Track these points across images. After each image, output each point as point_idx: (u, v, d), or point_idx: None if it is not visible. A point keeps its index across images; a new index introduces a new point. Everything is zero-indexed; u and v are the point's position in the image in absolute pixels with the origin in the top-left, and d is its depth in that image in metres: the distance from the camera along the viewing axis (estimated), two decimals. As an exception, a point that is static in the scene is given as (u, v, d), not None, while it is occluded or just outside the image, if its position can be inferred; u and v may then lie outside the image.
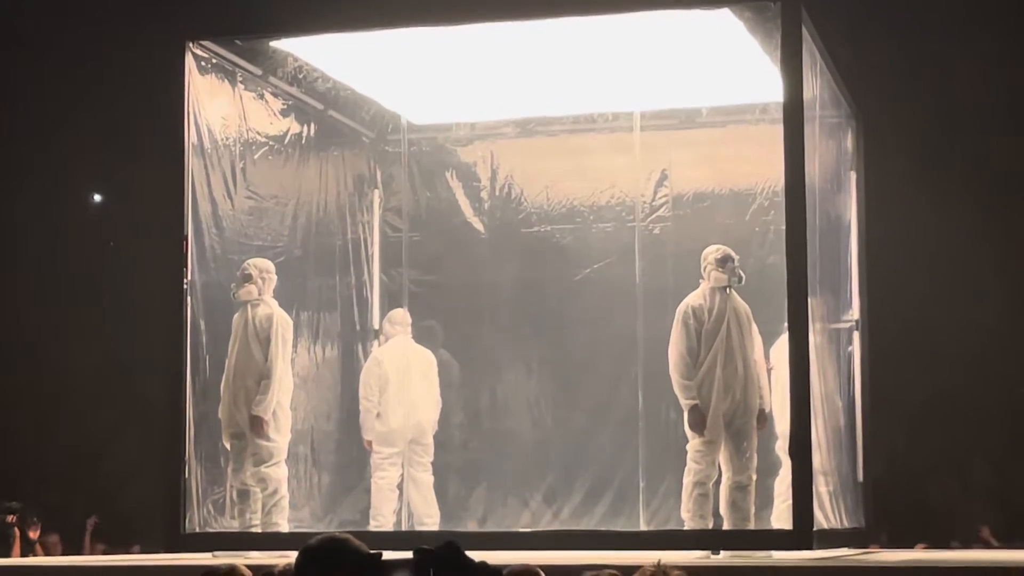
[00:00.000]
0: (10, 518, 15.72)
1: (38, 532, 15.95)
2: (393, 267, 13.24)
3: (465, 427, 13.03)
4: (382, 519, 12.23)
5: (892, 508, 15.53)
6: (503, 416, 13.06)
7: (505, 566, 7.21)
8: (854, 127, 12.91)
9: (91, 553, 15.26)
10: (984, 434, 18.35)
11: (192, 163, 10.99)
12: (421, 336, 12.74)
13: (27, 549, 15.56)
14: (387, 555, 4.48)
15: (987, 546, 14.52)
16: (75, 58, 18.92)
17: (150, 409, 14.50)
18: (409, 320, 12.69)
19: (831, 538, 10.82)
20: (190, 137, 10.96)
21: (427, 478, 12.46)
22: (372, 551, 3.51)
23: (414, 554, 2.71)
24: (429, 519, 12.31)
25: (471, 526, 12.24)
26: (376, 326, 13.15)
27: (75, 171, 19.82)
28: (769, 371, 11.19)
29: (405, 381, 12.47)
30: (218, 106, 11.41)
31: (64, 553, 16.06)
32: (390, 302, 13.12)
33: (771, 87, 10.65)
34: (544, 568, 7.46)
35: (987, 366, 18.79)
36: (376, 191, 13.48)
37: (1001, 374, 18.59)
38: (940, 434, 18.64)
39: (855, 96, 12.66)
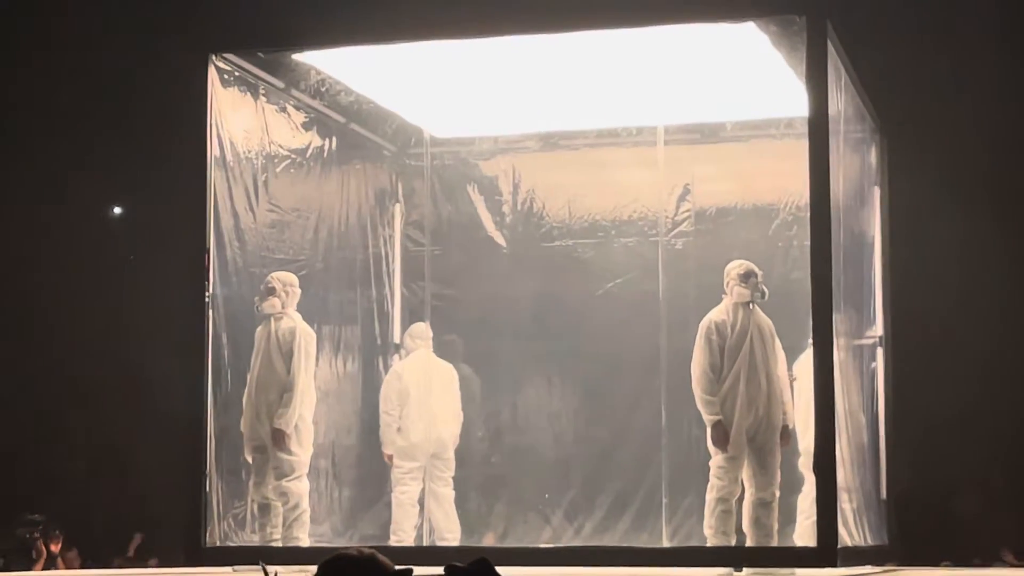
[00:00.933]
0: (34, 533, 15.73)
1: (60, 546, 15.95)
2: (414, 281, 13.21)
3: (486, 442, 12.99)
4: (403, 534, 12.19)
5: (915, 526, 15.44)
6: (524, 431, 13.01)
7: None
8: (878, 142, 12.85)
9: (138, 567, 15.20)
10: (1008, 452, 18.25)
11: (214, 176, 10.97)
12: (442, 350, 12.71)
13: (49, 563, 15.56)
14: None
15: (1010, 566, 14.42)
16: (98, 68, 18.94)
17: (172, 423, 14.47)
18: (430, 334, 12.66)
19: (855, 556, 10.75)
20: (212, 150, 10.94)
21: (448, 493, 12.42)
22: (400, 567, 3.46)
23: (445, 571, 2.67)
24: (450, 534, 12.27)
25: (491, 541, 12.19)
26: (397, 340, 13.12)
27: (98, 183, 19.82)
28: (792, 381, 11.13)
29: (426, 395, 12.44)
30: (240, 119, 11.39)
31: (83, 567, 16.04)
32: (411, 316, 13.08)
33: (796, 101, 10.61)
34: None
35: (1011, 383, 18.69)
36: (398, 205, 13.46)
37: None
38: (964, 451, 18.54)
39: (879, 111, 12.61)
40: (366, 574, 4.26)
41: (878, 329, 12.42)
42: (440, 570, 3.44)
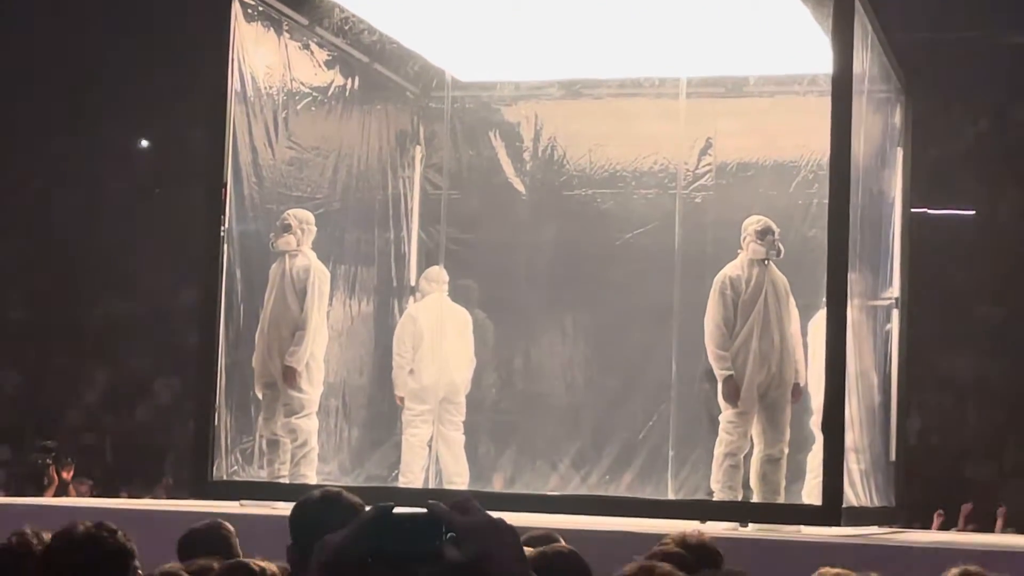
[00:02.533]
0: (46, 460, 15.82)
1: (71, 473, 16.04)
2: (432, 224, 13.18)
3: (498, 388, 12.99)
4: (411, 476, 12.21)
5: (925, 488, 15.45)
6: (536, 378, 13.01)
7: (528, 529, 7.20)
8: (903, 103, 12.76)
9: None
10: (1020, 417, 18.22)
11: (234, 111, 10.95)
12: (457, 295, 12.69)
13: (61, 490, 15.66)
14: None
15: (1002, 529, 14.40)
16: (122, 3, 18.94)
17: (185, 355, 14.55)
18: (446, 278, 12.63)
19: (860, 516, 10.76)
20: (233, 84, 10.91)
21: (458, 437, 12.43)
22: (384, 503, 3.46)
23: (427, 507, 2.64)
24: (458, 478, 12.29)
25: (499, 487, 12.21)
26: (413, 283, 13.11)
27: (120, 114, 19.87)
28: (805, 341, 11.12)
29: (439, 339, 12.43)
30: (263, 54, 11.36)
31: (94, 495, 16.13)
32: (428, 259, 13.07)
33: (821, 58, 10.54)
34: (569, 532, 7.43)
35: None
36: (419, 147, 13.42)
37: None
38: (976, 416, 18.53)
39: (905, 71, 12.52)
40: (334, 511, 4.32)
41: (894, 291, 12.36)
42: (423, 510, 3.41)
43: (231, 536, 6.01)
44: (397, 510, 2.76)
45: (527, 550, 5.17)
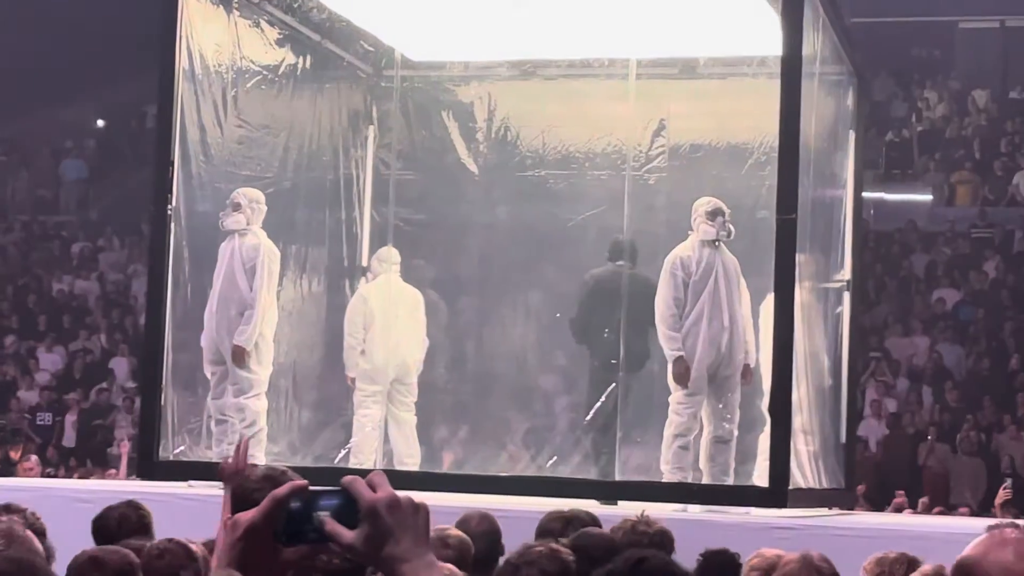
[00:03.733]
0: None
1: (19, 453, 15.95)
2: (385, 204, 13.13)
3: (450, 368, 12.96)
4: (362, 456, 12.17)
5: (875, 471, 15.51)
6: (488, 359, 13.00)
7: (469, 509, 7.19)
8: (856, 85, 12.77)
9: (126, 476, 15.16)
10: (972, 399, 18.31)
11: (182, 88, 10.87)
12: (409, 275, 12.64)
13: (7, 470, 15.57)
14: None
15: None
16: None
17: (133, 334, 14.48)
18: (398, 259, 12.58)
19: (809, 498, 10.79)
20: (181, 62, 10.84)
21: (409, 418, 12.39)
22: (298, 482, 3.46)
23: (341, 483, 2.63)
24: (410, 459, 12.25)
25: (450, 467, 12.20)
26: (365, 263, 13.05)
27: (66, 90, 19.72)
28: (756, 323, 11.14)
29: (391, 319, 12.39)
30: (212, 32, 11.28)
31: (42, 476, 16.04)
32: (380, 239, 13.02)
33: (771, 40, 10.53)
34: (517, 513, 7.42)
35: (978, 330, 18.74)
36: (371, 127, 13.36)
37: (991, 338, 18.54)
38: (929, 399, 18.59)
39: (857, 54, 12.53)
40: (275, 487, 4.26)
41: (846, 273, 12.39)
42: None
43: (148, 517, 5.99)
44: (311, 488, 2.74)
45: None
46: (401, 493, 2.70)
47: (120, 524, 5.87)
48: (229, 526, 2.65)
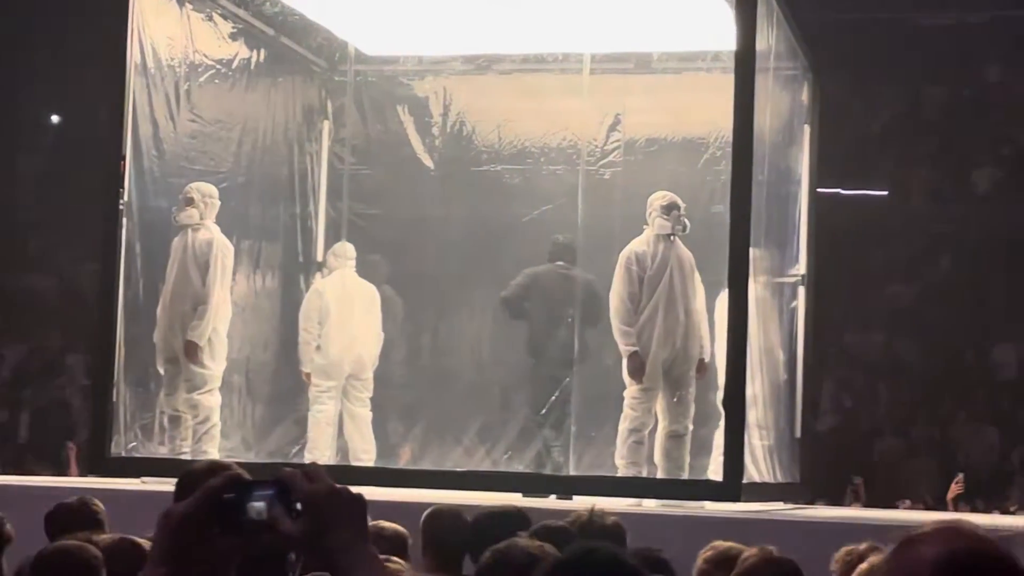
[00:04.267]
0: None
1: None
2: (340, 199, 13.10)
3: (406, 364, 12.93)
4: (318, 453, 12.13)
5: (830, 465, 15.55)
6: (444, 354, 12.97)
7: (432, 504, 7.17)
8: (810, 80, 12.80)
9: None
10: (926, 393, 18.38)
11: (134, 83, 10.81)
12: (365, 271, 12.61)
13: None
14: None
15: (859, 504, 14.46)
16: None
17: (85, 331, 14.40)
18: (353, 254, 12.55)
19: (764, 492, 10.80)
20: (133, 56, 10.77)
21: (365, 413, 12.36)
22: (232, 472, 3.43)
23: (276, 476, 2.61)
24: (365, 455, 12.23)
25: (406, 464, 12.17)
26: (320, 258, 13.02)
27: (16, 85, 19.52)
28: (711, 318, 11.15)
29: (347, 315, 12.35)
30: (164, 25, 11.22)
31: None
32: (335, 235, 12.98)
33: (726, 35, 10.53)
34: (472, 509, 7.40)
35: (935, 326, 18.81)
36: (326, 122, 13.31)
37: (948, 335, 18.62)
38: (884, 393, 18.66)
39: (812, 49, 12.55)
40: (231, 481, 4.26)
41: (801, 268, 12.41)
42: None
43: (101, 512, 5.97)
44: (246, 479, 2.71)
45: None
46: (339, 485, 2.69)
47: (73, 519, 5.84)
48: (161, 518, 2.62)
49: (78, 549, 5.03)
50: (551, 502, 10.00)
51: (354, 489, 2.73)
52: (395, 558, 4.74)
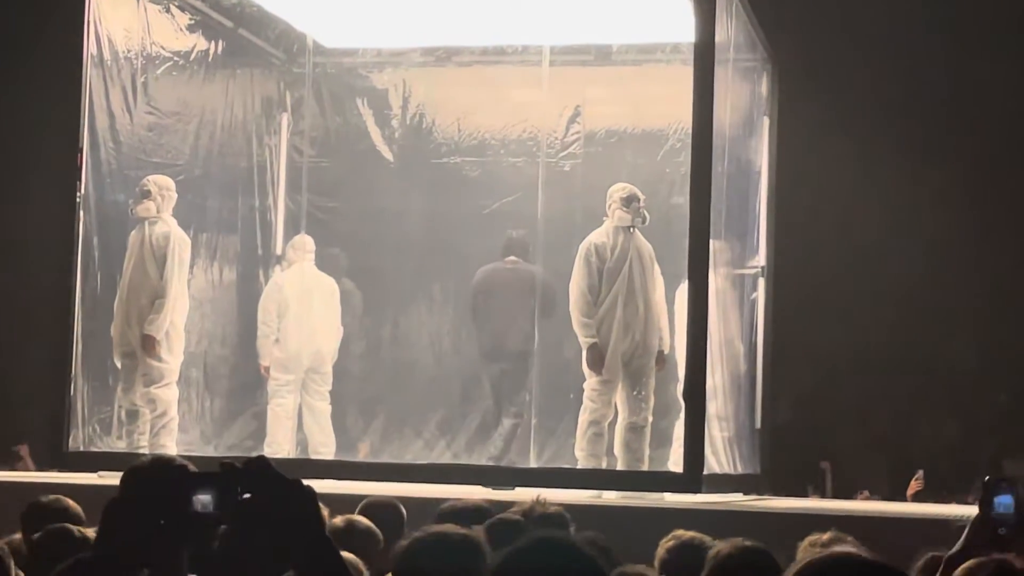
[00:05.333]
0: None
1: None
2: (299, 192, 13.04)
3: (365, 357, 12.88)
4: (276, 446, 12.09)
5: (790, 457, 15.58)
6: (404, 347, 12.92)
7: (377, 496, 7.14)
8: (769, 71, 12.82)
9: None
10: (889, 387, 18.43)
11: (90, 75, 10.74)
12: (324, 264, 12.57)
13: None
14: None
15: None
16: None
17: (45, 326, 14.29)
18: (312, 247, 12.51)
19: (724, 483, 10.81)
20: (89, 48, 10.71)
21: (324, 407, 12.32)
22: (179, 464, 3.41)
23: (220, 468, 2.60)
24: (324, 448, 12.20)
25: (364, 456, 12.13)
26: (279, 251, 12.96)
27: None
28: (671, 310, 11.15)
29: (306, 308, 12.31)
30: (121, 17, 11.17)
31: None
32: (293, 228, 12.93)
33: (685, 26, 10.53)
34: (429, 501, 7.37)
35: (896, 318, 18.86)
36: (285, 114, 13.25)
37: (909, 327, 18.68)
38: (844, 385, 18.71)
39: (771, 40, 12.57)
40: (165, 476, 4.27)
41: (761, 259, 12.43)
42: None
43: (79, 512, 5.95)
44: (191, 471, 2.70)
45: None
46: (287, 477, 2.67)
47: (52, 517, 5.80)
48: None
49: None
50: (493, 494, 9.94)
51: (312, 483, 2.71)
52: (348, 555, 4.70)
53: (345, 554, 5.38)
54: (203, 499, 2.56)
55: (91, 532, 4.75)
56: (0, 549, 4.66)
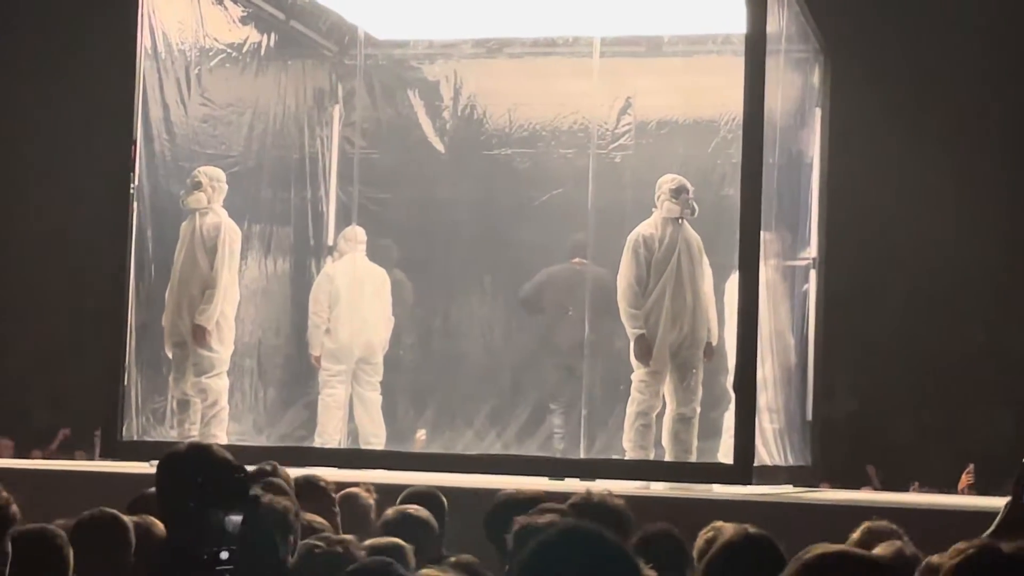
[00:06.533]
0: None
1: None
2: (350, 183, 13.10)
3: (416, 348, 12.93)
4: (327, 436, 12.16)
5: (842, 448, 15.53)
6: (454, 338, 12.96)
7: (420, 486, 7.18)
8: (822, 63, 12.76)
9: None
10: (940, 378, 18.34)
11: (145, 67, 10.82)
12: (376, 254, 12.62)
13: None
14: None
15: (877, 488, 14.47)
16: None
17: (96, 315, 14.41)
18: (364, 238, 12.56)
19: (774, 475, 10.79)
20: (143, 40, 10.79)
21: (375, 397, 12.37)
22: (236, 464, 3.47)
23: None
24: (375, 439, 12.24)
25: (416, 447, 12.18)
26: (331, 242, 13.02)
27: (26, 71, 19.52)
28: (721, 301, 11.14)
29: (357, 298, 12.37)
30: (174, 10, 11.24)
31: (14, 458, 15.97)
32: (345, 219, 12.99)
33: (736, 17, 10.51)
34: (481, 491, 7.40)
35: (948, 310, 18.77)
36: (336, 106, 13.31)
37: (963, 319, 18.58)
38: (895, 376, 18.63)
39: (824, 31, 12.51)
40: (201, 464, 4.39)
41: (812, 251, 12.39)
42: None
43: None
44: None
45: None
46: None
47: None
48: None
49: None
50: (557, 484, 9.96)
51: (363, 473, 2.74)
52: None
53: (397, 541, 5.43)
54: (235, 520, 2.59)
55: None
56: (59, 536, 4.75)
